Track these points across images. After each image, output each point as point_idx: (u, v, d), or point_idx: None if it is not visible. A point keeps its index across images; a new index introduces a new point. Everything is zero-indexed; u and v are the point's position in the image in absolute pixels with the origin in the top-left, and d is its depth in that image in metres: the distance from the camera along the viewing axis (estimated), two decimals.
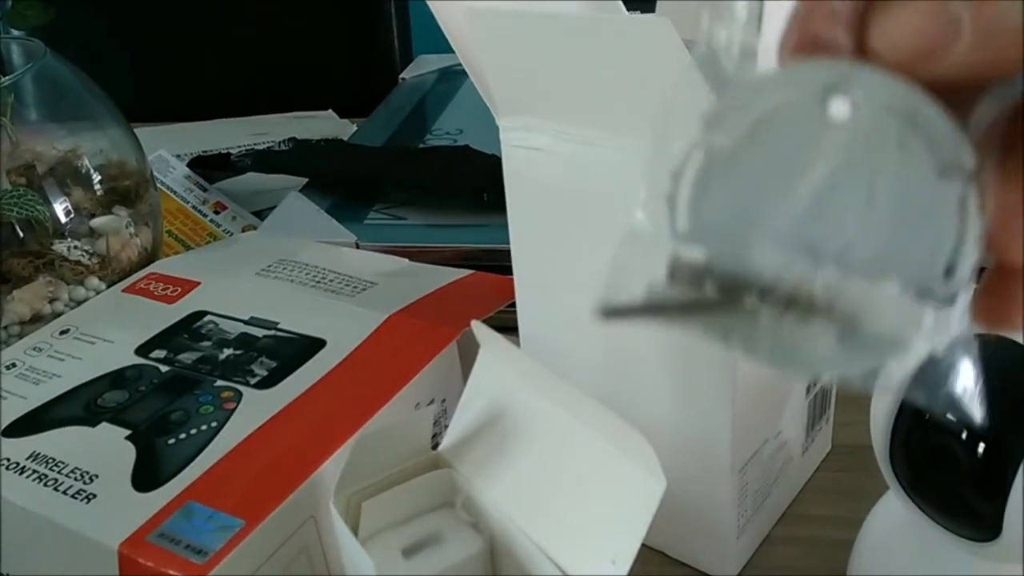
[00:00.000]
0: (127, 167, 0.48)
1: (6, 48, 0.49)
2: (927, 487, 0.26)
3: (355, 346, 0.36)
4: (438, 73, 0.79)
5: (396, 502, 0.26)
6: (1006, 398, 0.24)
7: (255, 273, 0.43)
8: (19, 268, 0.43)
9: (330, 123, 0.78)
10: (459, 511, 0.27)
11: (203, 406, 0.33)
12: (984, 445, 0.24)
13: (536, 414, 0.25)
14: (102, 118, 0.49)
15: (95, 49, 0.72)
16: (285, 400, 0.33)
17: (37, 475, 0.31)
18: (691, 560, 0.34)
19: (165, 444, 0.32)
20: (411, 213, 0.53)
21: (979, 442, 0.24)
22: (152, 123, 0.72)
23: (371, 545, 0.26)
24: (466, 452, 0.27)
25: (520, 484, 0.25)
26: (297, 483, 0.29)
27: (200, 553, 0.27)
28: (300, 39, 1.00)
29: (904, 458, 0.26)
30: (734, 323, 0.16)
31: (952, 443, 0.25)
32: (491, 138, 0.33)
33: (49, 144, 0.47)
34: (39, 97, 0.47)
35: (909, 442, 0.26)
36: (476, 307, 0.39)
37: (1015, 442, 0.24)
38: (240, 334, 0.38)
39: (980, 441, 0.24)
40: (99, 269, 0.45)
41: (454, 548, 0.25)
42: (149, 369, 0.36)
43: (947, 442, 0.25)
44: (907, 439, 0.26)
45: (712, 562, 0.34)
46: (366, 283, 0.41)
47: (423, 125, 0.68)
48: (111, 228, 0.46)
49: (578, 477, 0.24)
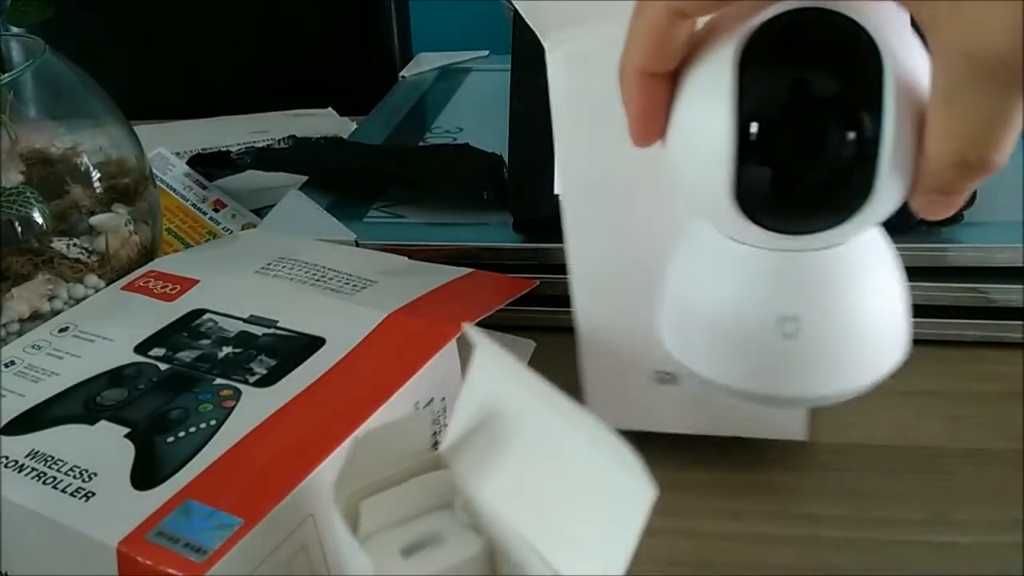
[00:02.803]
0: (126, 165, 0.48)
1: (5, 45, 0.49)
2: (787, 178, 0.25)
3: (355, 344, 0.36)
4: (438, 71, 0.79)
5: (395, 502, 0.26)
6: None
7: (255, 271, 0.43)
8: (18, 266, 0.43)
9: (330, 121, 0.78)
10: (458, 512, 0.26)
11: (202, 404, 0.33)
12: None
13: (531, 417, 0.25)
14: (101, 115, 0.49)
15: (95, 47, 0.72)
16: (284, 398, 0.33)
17: (36, 473, 0.31)
18: (763, 432, 0.38)
19: (164, 442, 0.32)
20: (411, 211, 0.53)
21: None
22: (151, 120, 0.72)
23: (370, 544, 0.25)
24: (465, 453, 0.27)
25: (517, 487, 0.25)
26: (296, 482, 0.29)
27: (199, 551, 0.27)
28: (300, 37, 1.00)
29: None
30: None
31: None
32: (491, 137, 0.33)
33: (48, 141, 0.47)
34: (38, 94, 0.47)
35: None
36: (476, 305, 0.39)
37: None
38: (239, 332, 0.38)
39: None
40: (98, 267, 0.45)
41: (453, 549, 0.25)
42: (148, 367, 0.36)
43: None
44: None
45: (786, 427, 0.38)
46: (366, 281, 0.41)
47: (423, 123, 0.68)
48: (110, 226, 0.46)
49: (572, 482, 0.24)
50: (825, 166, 0.24)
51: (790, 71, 0.24)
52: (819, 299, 0.26)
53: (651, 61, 0.25)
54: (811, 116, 0.24)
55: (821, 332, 0.26)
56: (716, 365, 0.28)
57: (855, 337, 0.27)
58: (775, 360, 0.27)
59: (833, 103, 0.24)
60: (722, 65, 0.24)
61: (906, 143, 0.24)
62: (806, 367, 0.27)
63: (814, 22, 0.23)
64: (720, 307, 0.27)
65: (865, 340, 0.27)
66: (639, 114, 0.26)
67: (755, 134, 0.24)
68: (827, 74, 0.24)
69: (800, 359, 0.27)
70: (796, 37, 0.24)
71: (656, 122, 0.26)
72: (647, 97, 0.26)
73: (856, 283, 0.26)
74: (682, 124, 0.26)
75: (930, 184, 0.24)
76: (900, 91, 0.23)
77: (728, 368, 0.28)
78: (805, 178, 0.24)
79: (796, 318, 0.26)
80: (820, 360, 0.27)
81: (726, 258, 0.27)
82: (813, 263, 0.26)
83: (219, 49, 0.98)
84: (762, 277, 0.27)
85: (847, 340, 0.27)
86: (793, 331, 0.26)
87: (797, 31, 0.24)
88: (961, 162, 0.23)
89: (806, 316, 0.26)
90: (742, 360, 0.27)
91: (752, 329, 0.27)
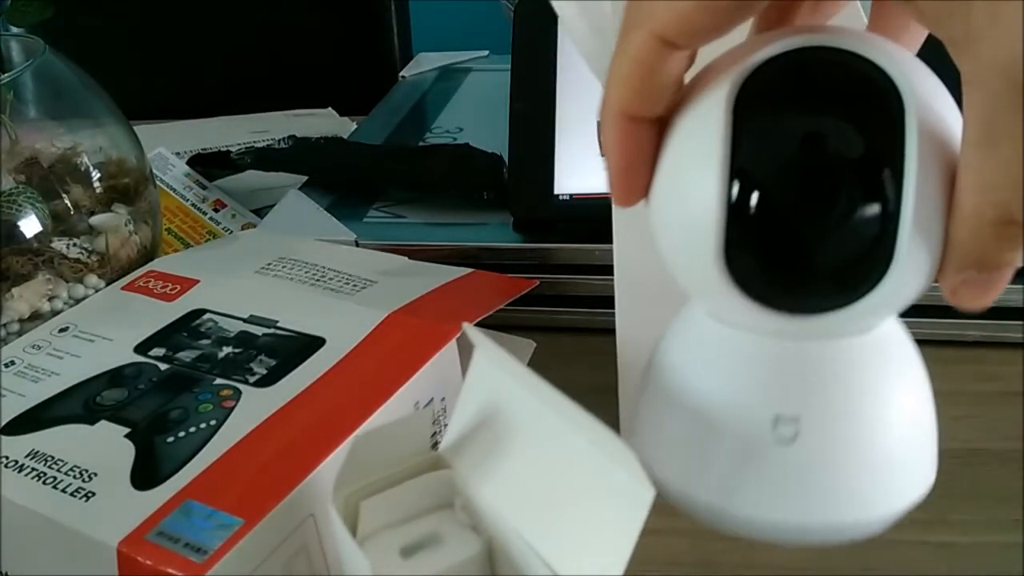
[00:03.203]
0: (126, 165, 0.48)
1: (5, 45, 0.49)
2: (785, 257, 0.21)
3: (354, 344, 0.36)
4: (438, 71, 0.79)
5: (395, 502, 0.26)
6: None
7: (254, 271, 0.43)
8: (18, 266, 0.43)
9: (330, 121, 0.78)
10: (458, 512, 0.26)
11: (202, 404, 0.33)
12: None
13: (530, 417, 0.25)
14: (101, 115, 0.49)
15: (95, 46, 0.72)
16: (284, 398, 0.33)
17: (36, 473, 0.31)
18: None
19: (164, 442, 0.32)
20: (411, 211, 0.53)
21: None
22: (151, 120, 0.72)
23: (369, 545, 0.25)
24: (465, 453, 0.27)
25: (517, 487, 0.25)
26: (296, 481, 0.29)
27: (199, 551, 0.27)
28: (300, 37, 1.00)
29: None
30: None
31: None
32: (491, 137, 0.33)
33: (48, 141, 0.47)
34: (38, 94, 0.47)
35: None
36: (476, 305, 0.39)
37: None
38: (239, 332, 0.38)
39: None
40: (98, 267, 0.45)
41: (452, 549, 0.25)
42: (148, 367, 0.36)
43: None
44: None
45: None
46: (366, 281, 0.41)
47: (423, 123, 0.68)
48: (110, 226, 0.46)
49: (571, 482, 0.24)
50: (831, 232, 0.20)
51: (793, 118, 0.20)
52: (824, 397, 0.22)
53: (635, 102, 0.21)
54: (816, 172, 0.20)
55: (824, 438, 0.22)
56: (695, 475, 0.23)
57: (868, 450, 0.22)
58: (766, 472, 0.22)
59: (843, 157, 0.20)
60: (713, 110, 0.20)
61: (933, 205, 0.20)
62: (807, 483, 0.22)
63: (823, 61, 0.20)
64: (703, 401, 0.23)
65: (880, 455, 0.22)
66: (621, 166, 0.22)
67: (748, 193, 0.20)
68: (837, 122, 0.20)
69: (801, 472, 0.22)
70: (801, 78, 0.21)
71: (640, 176, 0.22)
72: (631, 146, 0.22)
73: (872, 382, 0.22)
74: (666, 179, 0.22)
75: (966, 256, 0.20)
76: (925, 141, 0.19)
77: (709, 480, 0.23)
78: (807, 246, 0.20)
79: (795, 419, 0.22)
80: (823, 476, 0.22)
81: (714, 343, 0.23)
82: (819, 353, 0.22)
83: (219, 49, 0.98)
84: (756, 366, 0.22)
85: (857, 452, 0.22)
86: (790, 435, 0.22)
87: (803, 72, 0.20)
88: (1004, 218, 0.18)
89: (807, 417, 0.22)
90: (727, 469, 0.22)
91: (740, 428, 0.22)
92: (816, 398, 0.22)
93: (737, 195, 0.20)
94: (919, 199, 0.19)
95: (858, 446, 0.22)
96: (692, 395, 0.23)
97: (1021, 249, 0.19)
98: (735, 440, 0.22)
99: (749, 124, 0.20)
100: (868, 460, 0.22)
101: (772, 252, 0.21)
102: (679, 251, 0.22)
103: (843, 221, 0.20)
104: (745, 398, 0.22)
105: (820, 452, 0.22)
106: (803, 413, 0.22)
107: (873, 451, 0.22)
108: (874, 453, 0.22)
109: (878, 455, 0.22)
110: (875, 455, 0.22)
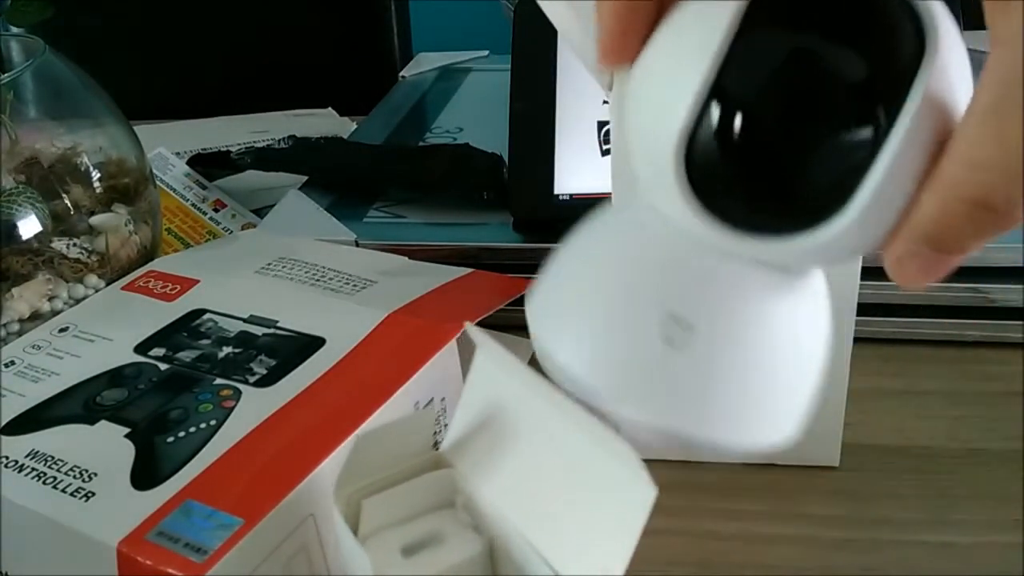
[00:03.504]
0: (126, 165, 0.48)
1: (5, 45, 0.49)
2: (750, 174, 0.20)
3: (354, 344, 0.36)
4: (438, 71, 0.79)
5: (397, 501, 0.26)
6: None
7: (254, 271, 0.43)
8: (18, 266, 0.43)
9: (330, 121, 0.78)
10: (460, 512, 0.26)
11: (202, 404, 0.33)
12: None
13: (532, 417, 0.25)
14: (101, 115, 0.49)
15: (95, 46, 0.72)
16: (284, 398, 0.33)
17: (36, 473, 0.31)
18: (796, 460, 0.38)
19: (164, 442, 0.32)
20: (411, 211, 0.53)
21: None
22: (151, 120, 0.72)
23: (370, 544, 0.25)
24: (467, 452, 0.27)
25: (518, 486, 0.25)
26: (296, 481, 0.29)
27: (199, 551, 0.27)
28: (300, 37, 1.00)
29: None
30: None
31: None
32: (491, 137, 0.33)
33: (48, 141, 0.47)
34: (38, 94, 0.47)
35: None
36: (476, 305, 0.39)
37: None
38: (239, 332, 0.38)
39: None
40: (98, 267, 0.45)
41: (454, 549, 0.25)
42: (148, 367, 0.36)
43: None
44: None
45: (819, 454, 0.38)
46: (366, 281, 0.41)
47: (423, 123, 0.68)
48: (110, 226, 0.46)
49: (573, 481, 0.24)
50: (800, 151, 0.19)
51: (802, 31, 0.19)
52: (728, 315, 0.21)
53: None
54: (808, 86, 0.19)
55: (713, 355, 0.21)
56: (584, 356, 0.21)
57: (747, 381, 0.21)
58: (648, 366, 0.21)
59: (840, 78, 0.19)
60: (723, 7, 0.19)
61: (914, 163, 0.18)
62: (682, 392, 0.21)
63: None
64: (607, 284, 0.22)
65: (757, 389, 0.21)
66: (614, 23, 0.21)
67: (733, 91, 0.19)
68: (846, 47, 0.19)
69: (678, 378, 0.21)
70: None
71: (632, 40, 0.21)
72: (626, 14, 0.21)
73: (777, 320, 0.21)
74: (654, 57, 0.21)
75: (926, 228, 0.18)
76: (932, 95, 0.18)
77: (595, 365, 0.21)
78: (772, 156, 0.19)
79: (690, 326, 0.20)
80: (701, 390, 0.21)
81: (639, 232, 0.22)
82: (738, 275, 0.21)
83: (219, 49, 0.98)
84: (672, 264, 0.21)
85: (736, 378, 0.21)
86: (681, 340, 0.20)
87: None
88: (981, 201, 0.17)
89: (703, 329, 0.21)
90: (613, 358, 0.21)
91: (632, 318, 0.21)
92: (717, 317, 0.21)
93: (719, 90, 0.19)
94: (902, 149, 0.18)
95: (739, 374, 0.21)
96: (598, 274, 0.22)
97: (983, 239, 0.18)
98: (625, 322, 0.21)
99: (754, 29, 0.19)
100: (744, 390, 0.21)
101: (733, 152, 0.19)
102: (644, 132, 0.21)
103: (815, 143, 0.19)
104: (650, 289, 0.21)
105: (702, 366, 0.21)
106: (698, 324, 0.21)
107: (752, 384, 0.21)
108: (752, 386, 0.21)
109: (755, 389, 0.21)
110: (753, 388, 0.21)
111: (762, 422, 0.21)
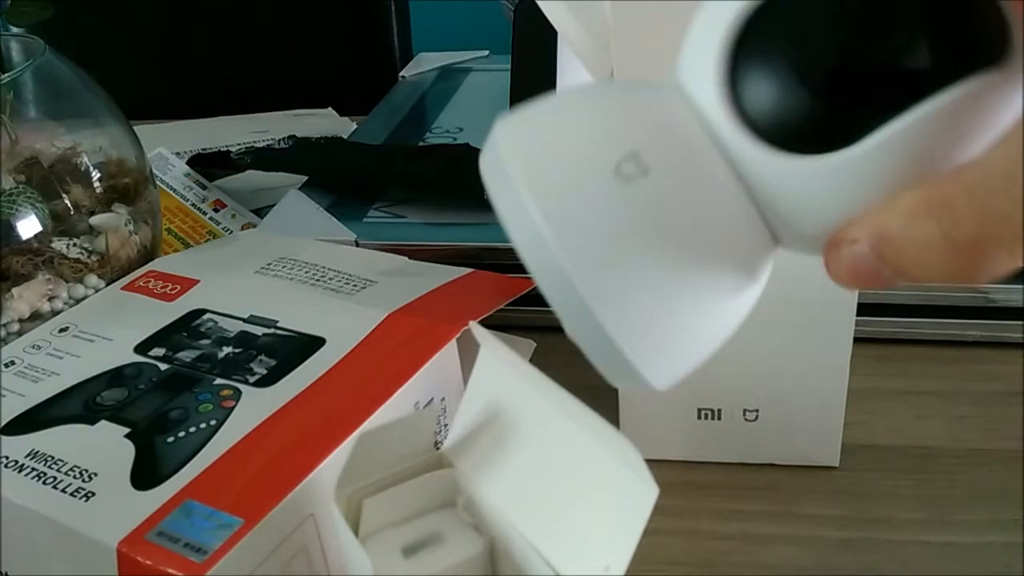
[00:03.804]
0: (126, 165, 0.48)
1: (5, 45, 0.49)
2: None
3: (354, 344, 0.36)
4: (438, 71, 0.79)
5: (397, 501, 0.26)
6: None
7: (254, 271, 0.43)
8: (18, 266, 0.43)
9: (330, 121, 0.78)
10: (460, 512, 0.26)
11: (202, 404, 0.33)
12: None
13: (534, 416, 0.25)
14: (101, 115, 0.49)
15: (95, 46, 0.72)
16: (284, 398, 0.33)
17: (36, 473, 0.31)
18: (797, 460, 0.38)
19: (164, 442, 0.32)
20: (411, 211, 0.53)
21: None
22: (152, 120, 0.72)
23: (371, 543, 0.25)
24: (468, 452, 0.27)
25: (519, 486, 0.25)
26: (296, 481, 0.29)
27: (199, 551, 0.27)
28: (300, 37, 1.00)
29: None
30: None
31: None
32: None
33: (48, 141, 0.47)
34: (38, 94, 0.47)
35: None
36: (476, 305, 0.39)
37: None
38: (239, 332, 0.38)
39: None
40: (98, 267, 0.45)
41: (454, 549, 0.25)
42: (148, 367, 0.36)
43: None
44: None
45: (819, 454, 0.38)
46: (365, 281, 0.41)
47: (423, 123, 0.68)
48: (110, 226, 0.46)
49: (575, 481, 0.24)
50: (844, 63, 0.18)
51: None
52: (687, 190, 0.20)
53: None
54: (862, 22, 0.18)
55: (653, 201, 0.19)
56: (531, 154, 0.20)
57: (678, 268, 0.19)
58: (589, 180, 0.19)
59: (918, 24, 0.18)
60: None
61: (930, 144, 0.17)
62: (604, 225, 0.19)
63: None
64: (596, 97, 0.21)
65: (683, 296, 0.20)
66: None
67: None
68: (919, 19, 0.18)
69: (609, 208, 0.19)
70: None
71: None
72: None
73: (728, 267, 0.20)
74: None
75: (886, 226, 0.17)
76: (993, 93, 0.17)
77: (541, 166, 0.20)
78: (814, 62, 0.18)
79: (646, 169, 0.19)
80: (622, 233, 0.19)
81: (647, 86, 0.21)
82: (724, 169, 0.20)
83: (219, 49, 0.98)
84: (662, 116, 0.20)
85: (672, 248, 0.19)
86: (629, 175, 0.19)
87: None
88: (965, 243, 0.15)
89: (654, 178, 0.19)
90: (559, 157, 0.20)
91: (601, 134, 0.20)
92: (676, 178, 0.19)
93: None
94: (929, 117, 0.17)
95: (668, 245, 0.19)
96: (593, 90, 0.22)
97: (914, 278, 0.16)
98: (592, 134, 0.20)
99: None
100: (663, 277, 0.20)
101: (781, 47, 0.19)
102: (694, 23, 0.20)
103: (860, 62, 0.18)
104: (631, 119, 0.20)
105: (636, 208, 0.19)
106: (654, 171, 0.19)
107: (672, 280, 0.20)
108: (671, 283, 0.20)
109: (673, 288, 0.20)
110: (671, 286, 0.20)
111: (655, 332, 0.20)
